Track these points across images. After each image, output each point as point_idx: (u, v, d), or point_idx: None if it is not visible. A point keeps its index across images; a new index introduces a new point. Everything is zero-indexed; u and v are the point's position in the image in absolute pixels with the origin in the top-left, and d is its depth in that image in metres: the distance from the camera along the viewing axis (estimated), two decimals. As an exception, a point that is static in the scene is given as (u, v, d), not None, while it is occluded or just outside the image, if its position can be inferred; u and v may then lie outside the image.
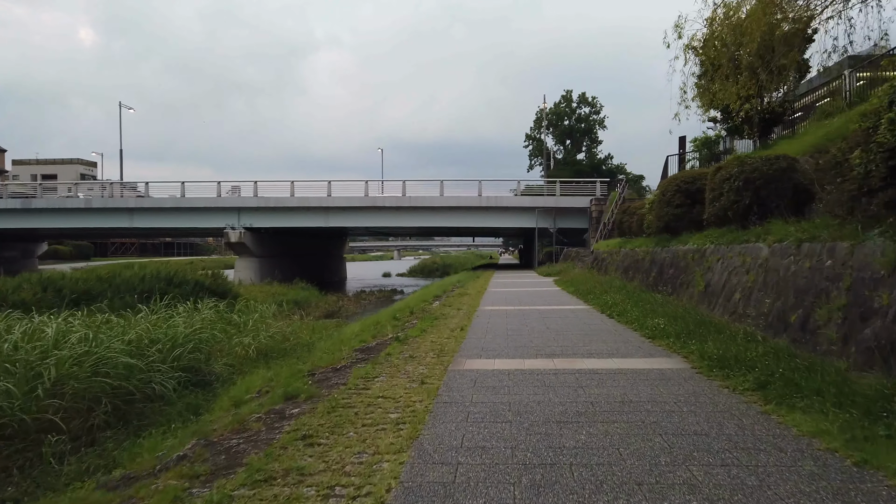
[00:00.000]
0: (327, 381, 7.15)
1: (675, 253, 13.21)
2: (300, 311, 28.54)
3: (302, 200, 38.71)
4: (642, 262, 16.13)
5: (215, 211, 39.17)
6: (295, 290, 33.52)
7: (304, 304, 29.66)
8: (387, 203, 38.62)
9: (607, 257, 21.61)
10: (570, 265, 30.65)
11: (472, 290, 20.54)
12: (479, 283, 24.56)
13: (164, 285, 23.00)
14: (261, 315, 19.45)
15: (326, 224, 39.34)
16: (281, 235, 43.73)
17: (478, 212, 39.04)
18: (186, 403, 9.45)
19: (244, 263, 40.00)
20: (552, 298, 16.34)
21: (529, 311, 13.13)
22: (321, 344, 13.85)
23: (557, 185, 38.83)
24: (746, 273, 9.09)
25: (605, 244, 23.55)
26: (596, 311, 12.87)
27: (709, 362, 6.80)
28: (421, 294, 20.47)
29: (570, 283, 20.67)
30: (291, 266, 44.46)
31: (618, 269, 18.93)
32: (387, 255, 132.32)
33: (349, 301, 31.71)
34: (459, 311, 13.49)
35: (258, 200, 38.85)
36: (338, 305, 29.87)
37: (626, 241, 19.87)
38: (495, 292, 19.06)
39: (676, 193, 13.87)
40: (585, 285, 17.88)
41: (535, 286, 21.62)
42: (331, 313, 27.20)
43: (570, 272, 27.47)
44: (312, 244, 50.18)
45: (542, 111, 67.16)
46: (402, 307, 16.69)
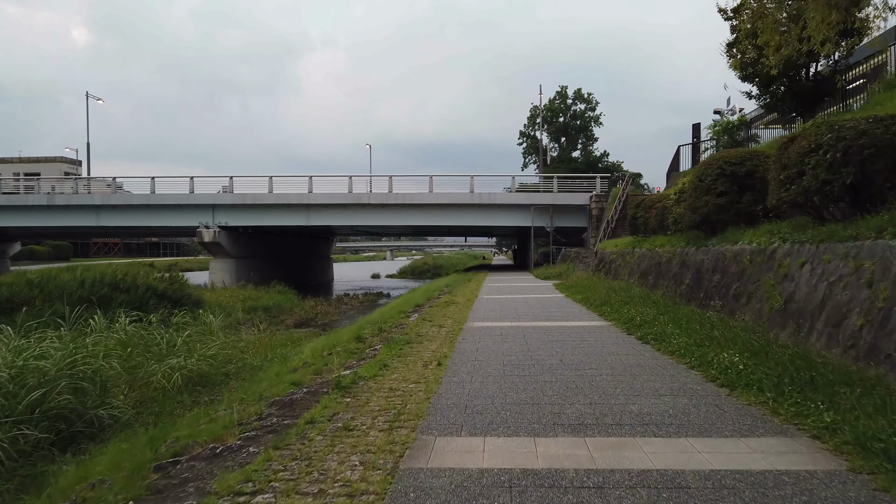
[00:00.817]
0: (176, 489, 3.83)
1: (721, 254, 9.95)
2: (271, 319, 25.23)
3: (281, 197, 35.31)
4: (668, 266, 12.87)
5: (188, 208, 35.70)
6: (270, 295, 30.16)
7: (278, 310, 26.33)
8: (372, 200, 35.26)
9: (617, 259, 18.35)
10: (569, 267, 27.39)
11: (460, 296, 17.26)
12: (469, 287, 21.28)
13: (108, 291, 19.63)
14: (207, 328, 16.16)
15: (307, 223, 35.95)
16: (261, 235, 40.32)
17: (470, 210, 35.76)
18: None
19: (219, 265, 36.57)
20: (557, 310, 13.07)
21: (532, 330, 9.84)
22: (269, 370, 10.65)
23: (555, 181, 35.57)
24: (868, 286, 5.83)
25: (613, 244, 20.31)
26: (620, 330, 9.59)
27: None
28: (401, 302, 17.19)
29: (574, 288, 17.40)
30: (272, 267, 41.08)
31: (632, 274, 15.67)
32: (379, 255, 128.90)
33: (328, 306, 28.38)
34: (441, 330, 10.19)
35: (234, 197, 35.42)
36: (315, 311, 26.53)
37: (641, 240, 16.63)
38: (488, 300, 15.79)
39: (719, 178, 10.60)
40: (595, 293, 14.61)
41: (534, 292, 18.35)
42: (304, 321, 23.86)
43: (572, 275, 24.20)
44: (296, 244, 46.76)
45: (536, 108, 64.14)
46: (374, 320, 13.40)
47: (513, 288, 20.39)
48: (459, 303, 15.19)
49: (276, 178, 35.75)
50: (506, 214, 35.91)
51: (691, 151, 23.81)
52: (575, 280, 19.93)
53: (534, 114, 64.61)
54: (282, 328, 22.16)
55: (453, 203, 35.41)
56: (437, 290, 20.62)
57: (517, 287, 20.77)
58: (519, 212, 35.72)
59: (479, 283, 23.22)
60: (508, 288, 20.45)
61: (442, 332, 9.92)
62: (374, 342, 9.66)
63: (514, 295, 17.29)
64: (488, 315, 12.29)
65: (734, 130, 20.03)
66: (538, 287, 20.53)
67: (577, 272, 24.78)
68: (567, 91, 64.66)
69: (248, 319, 23.72)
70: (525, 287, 20.68)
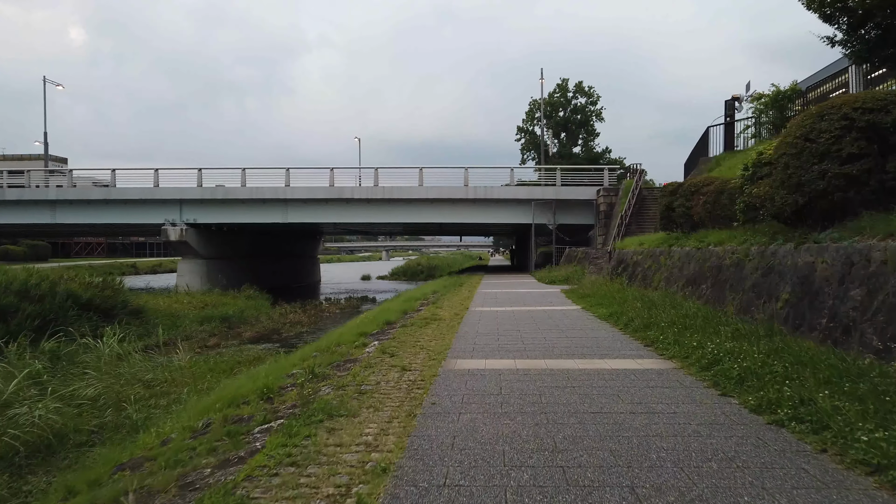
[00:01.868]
0: None
1: (863, 255, 5.89)
2: (227, 331, 21.12)
3: (255, 192, 31.19)
4: (736, 272, 8.81)
5: (152, 204, 31.57)
6: (237, 301, 26.07)
7: (239, 319, 22.21)
8: (356, 195, 31.14)
9: (644, 260, 14.28)
10: (577, 269, 23.32)
11: (447, 307, 13.19)
12: (460, 294, 17.20)
13: (13, 300, 15.55)
14: (125, 350, 12.17)
15: (285, 220, 31.84)
16: (237, 234, 36.21)
17: (464, 205, 31.68)
18: None
19: (188, 266, 32.45)
20: (581, 334, 8.99)
21: (552, 380, 5.71)
22: (171, 420, 6.80)
23: (558, 174, 31.46)
24: None
25: (636, 241, 16.25)
26: (707, 386, 5.46)
27: None
28: (370, 317, 13.06)
29: (592, 298, 13.33)
30: (250, 269, 36.97)
31: (672, 280, 11.60)
32: (375, 255, 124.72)
33: (302, 314, 24.27)
34: (402, 378, 6.09)
35: (202, 191, 31.28)
36: (284, 321, 22.42)
37: (681, 237, 12.55)
38: (481, 315, 11.71)
39: (846, 135, 6.54)
40: (627, 307, 10.54)
41: (541, 301, 14.30)
42: (267, 334, 19.77)
43: (581, 279, 20.14)
44: (278, 244, 42.62)
45: (534, 102, 60.36)
46: (322, 347, 9.34)
47: (513, 296, 16.31)
48: (444, 319, 11.10)
49: (249, 171, 31.63)
50: (504, 210, 31.84)
51: (723, 133, 19.78)
52: (589, 286, 15.85)
53: (532, 108, 60.62)
54: (235, 344, 18.10)
55: (446, 198, 31.32)
56: (420, 299, 16.54)
57: (518, 295, 16.69)
58: (518, 207, 31.65)
59: (472, 289, 19.15)
60: (507, 296, 16.37)
61: (402, 385, 5.84)
62: (284, 400, 5.61)
63: (514, 307, 13.21)
64: (480, 343, 8.22)
65: (784, 102, 15.99)
66: (544, 295, 16.45)
67: (589, 276, 20.70)
68: (567, 84, 60.62)
69: (199, 332, 19.68)
70: (528, 295, 16.60)
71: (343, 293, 38.41)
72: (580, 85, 60.67)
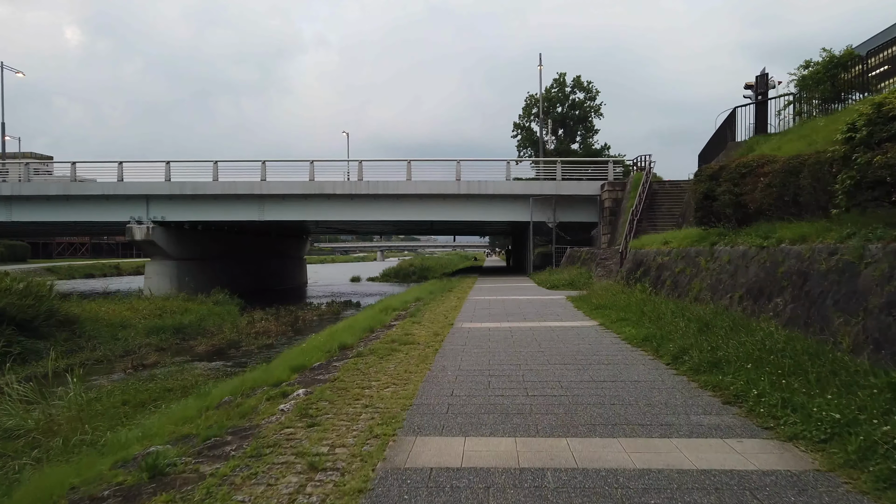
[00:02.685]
0: None
1: None
2: (180, 343, 18.06)
3: (228, 186, 28.09)
4: (847, 283, 5.82)
5: (116, 200, 28.46)
6: (203, 306, 22.98)
7: (196, 329, 19.11)
8: (338, 190, 28.07)
9: (672, 263, 11.29)
10: (582, 272, 20.32)
11: (426, 323, 10.19)
12: (447, 302, 14.19)
13: None
14: None
15: (261, 217, 28.76)
16: (212, 233, 33.16)
17: (457, 202, 28.67)
18: None
19: (156, 268, 29.36)
20: (623, 381, 5.96)
21: None
22: None
23: (558, 167, 28.44)
24: None
25: (658, 240, 13.23)
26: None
27: None
28: (306, 348, 9.89)
29: (611, 311, 10.33)
30: (227, 271, 33.92)
31: (722, 291, 8.59)
32: (370, 256, 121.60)
33: (273, 322, 21.19)
34: (318, 492, 3.16)
35: (171, 186, 28.16)
36: (249, 331, 19.35)
37: (724, 233, 9.55)
38: (469, 335, 8.70)
39: None
40: (670, 328, 7.55)
41: (545, 314, 11.32)
42: (222, 349, 16.70)
43: (589, 283, 17.15)
44: (259, 244, 39.53)
45: (531, 98, 57.59)
46: (234, 388, 6.35)
47: (510, 306, 13.30)
48: (417, 342, 8.08)
49: (222, 164, 28.51)
50: (499, 207, 28.83)
51: (753, 114, 16.82)
52: (602, 294, 12.84)
53: (529, 103, 57.72)
54: (182, 361, 15.08)
55: (437, 194, 28.29)
56: (398, 308, 13.53)
57: (516, 304, 13.68)
58: (515, 204, 28.65)
59: (462, 295, 16.15)
60: (503, 306, 13.36)
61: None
62: None
63: (512, 322, 10.21)
64: (460, 393, 5.19)
65: (837, 71, 13.01)
66: (547, 304, 13.43)
67: (597, 280, 17.72)
68: (565, 79, 57.67)
69: (145, 346, 16.66)
70: (527, 304, 13.59)
71: (328, 296, 35.36)
72: (578, 80, 57.73)
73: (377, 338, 8.87)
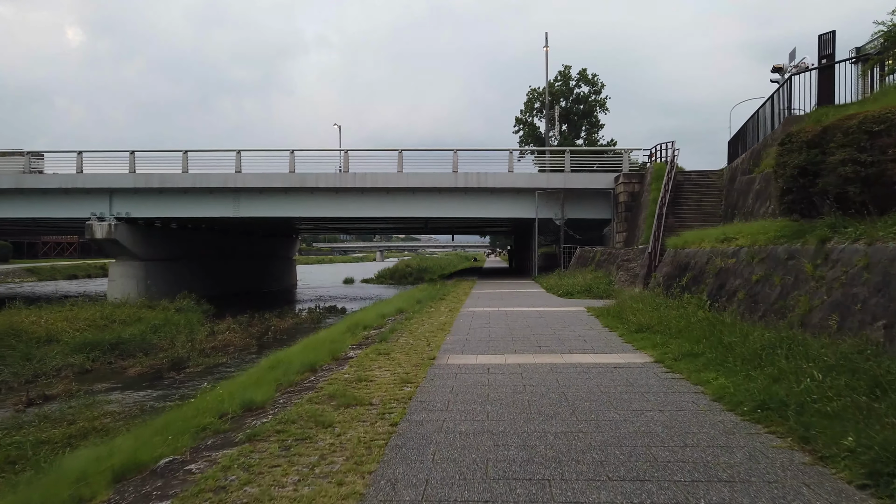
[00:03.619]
0: None
1: None
2: (115, 362, 14.77)
3: (199, 179, 24.77)
4: None
5: (76, 194, 25.17)
6: (158, 314, 19.63)
7: (139, 345, 15.74)
8: (321, 183, 24.72)
9: (743, 270, 7.94)
10: (599, 276, 16.94)
11: (397, 357, 6.87)
12: (435, 317, 10.84)
13: None
14: None
15: (236, 213, 25.44)
16: (188, 231, 29.87)
17: (454, 197, 25.34)
18: None
19: (121, 270, 26.04)
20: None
21: None
22: None
23: (567, 157, 25.08)
24: None
25: (712, 236, 9.86)
26: None
27: None
28: (181, 416, 6.68)
29: (666, 338, 7.01)
30: (205, 273, 30.63)
31: (860, 316, 5.26)
32: (369, 256, 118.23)
33: (238, 333, 17.89)
34: None
35: (135, 179, 24.86)
36: (208, 344, 16.03)
37: (840, 225, 6.23)
38: (458, 381, 5.38)
39: None
40: (814, 390, 4.22)
41: (572, 341, 8.00)
42: (161, 370, 13.37)
43: (613, 291, 13.80)
44: (242, 244, 36.17)
45: (534, 92, 54.34)
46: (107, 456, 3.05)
47: (515, 321, 9.94)
48: (371, 401, 4.75)
49: (193, 154, 25.22)
50: (501, 202, 25.48)
51: (816, 81, 13.44)
52: (639, 308, 9.46)
53: (531, 98, 54.37)
54: (101, 389, 11.80)
55: (431, 187, 24.97)
56: (370, 325, 10.20)
57: (524, 319, 10.32)
58: (519, 199, 25.31)
59: (455, 305, 12.82)
60: (506, 322, 10.00)
61: None
62: None
63: (523, 355, 6.87)
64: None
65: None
66: (566, 320, 10.07)
67: (620, 285, 14.38)
68: (570, 72, 54.27)
69: (62, 368, 13.37)
70: (539, 319, 10.22)
71: (315, 300, 32.04)
72: (584, 73, 54.26)
73: (313, 386, 5.55)
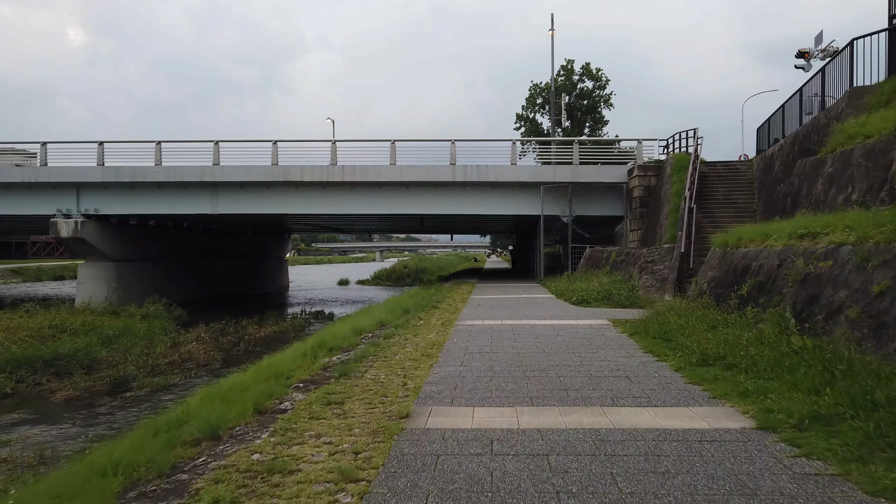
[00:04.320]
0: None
1: None
2: (43, 385, 12.40)
3: (174, 172, 22.38)
4: None
5: (41, 189, 22.79)
6: (117, 322, 17.25)
7: (84, 360, 13.35)
8: (306, 177, 22.32)
9: (853, 276, 5.56)
10: (617, 281, 14.51)
11: (358, 405, 4.51)
12: (424, 334, 8.45)
13: None
14: None
15: (215, 210, 23.04)
16: (168, 230, 27.54)
17: (451, 192, 22.96)
18: None
19: (90, 272, 23.66)
20: None
21: None
22: None
23: (575, 147, 22.69)
24: None
25: (778, 231, 7.50)
26: None
27: None
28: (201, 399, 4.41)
29: (760, 381, 4.64)
30: (188, 274, 28.27)
31: None
32: (368, 256, 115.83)
33: (205, 345, 15.55)
34: None
35: (104, 172, 22.47)
36: (162, 360, 13.65)
37: None
38: (435, 484, 3.07)
39: None
40: None
41: (609, 378, 5.63)
42: (94, 394, 10.99)
43: (639, 299, 11.40)
44: (229, 243, 33.77)
45: (535, 87, 52.02)
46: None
47: (524, 343, 7.53)
48: (307, 475, 2.44)
49: (167, 145, 22.84)
50: (503, 198, 23.08)
51: (887, 45, 11.00)
52: (687, 325, 7.08)
53: (533, 93, 51.99)
54: (15, 417, 9.43)
55: (427, 181, 22.58)
56: (336, 348, 7.81)
57: (534, 338, 7.90)
58: (522, 194, 22.92)
59: (450, 317, 10.44)
60: (514, 342, 7.59)
61: None
62: None
63: (545, 408, 4.46)
64: None
65: None
66: (592, 341, 7.67)
67: (646, 292, 11.97)
68: (573, 67, 51.85)
69: None
70: (555, 338, 7.81)
71: (305, 303, 29.69)
72: (587, 67, 51.82)
73: (185, 487, 3.16)
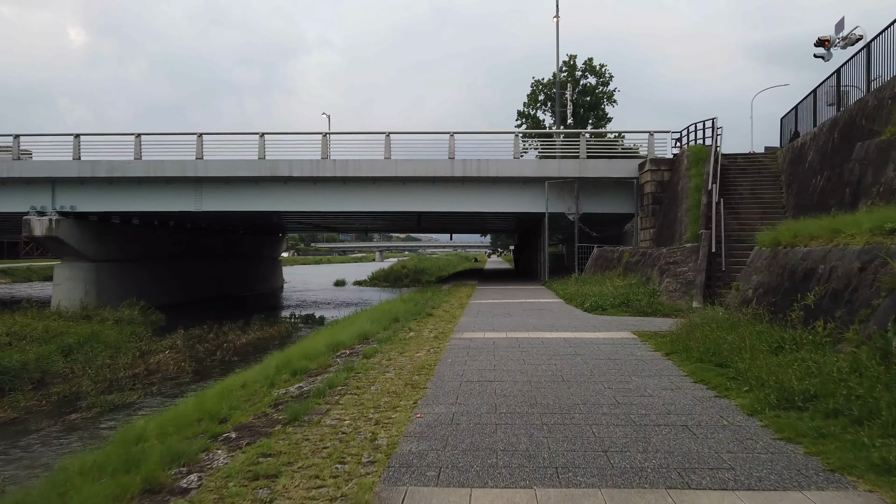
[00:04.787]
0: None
1: None
2: None
3: (155, 167, 20.80)
4: None
5: (14, 184, 21.24)
6: (85, 328, 15.70)
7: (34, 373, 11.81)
8: (295, 171, 20.75)
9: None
10: (633, 284, 12.92)
11: (308, 463, 3.06)
12: (411, 350, 6.92)
13: None
14: None
15: (199, 207, 21.48)
16: (152, 228, 25.98)
17: (450, 188, 21.40)
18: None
19: (67, 272, 22.09)
20: None
21: None
22: None
23: (582, 141, 21.11)
24: None
25: (862, 224, 6.01)
26: None
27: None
28: None
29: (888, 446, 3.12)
30: (175, 275, 26.71)
31: None
32: (368, 256, 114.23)
33: (178, 354, 14.03)
34: None
35: (80, 166, 20.90)
36: (126, 373, 12.10)
37: None
38: None
39: None
40: None
41: (656, 418, 4.08)
42: (32, 414, 9.47)
43: (664, 306, 9.84)
44: (220, 243, 32.15)
45: (537, 84, 50.31)
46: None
47: (537, 367, 5.97)
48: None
49: (147, 138, 21.28)
50: (505, 194, 21.51)
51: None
52: (749, 349, 5.54)
53: (535, 90, 50.36)
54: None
55: (424, 176, 21.00)
56: (302, 372, 6.27)
57: (548, 360, 6.35)
58: (525, 191, 21.36)
59: (446, 327, 8.89)
60: (523, 365, 6.03)
61: None
62: None
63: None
64: None
65: None
66: (621, 366, 6.11)
67: (669, 299, 10.40)
68: (576, 62, 50.24)
69: None
70: (575, 359, 6.25)
71: (297, 305, 28.14)
72: (590, 63, 50.13)
73: None
